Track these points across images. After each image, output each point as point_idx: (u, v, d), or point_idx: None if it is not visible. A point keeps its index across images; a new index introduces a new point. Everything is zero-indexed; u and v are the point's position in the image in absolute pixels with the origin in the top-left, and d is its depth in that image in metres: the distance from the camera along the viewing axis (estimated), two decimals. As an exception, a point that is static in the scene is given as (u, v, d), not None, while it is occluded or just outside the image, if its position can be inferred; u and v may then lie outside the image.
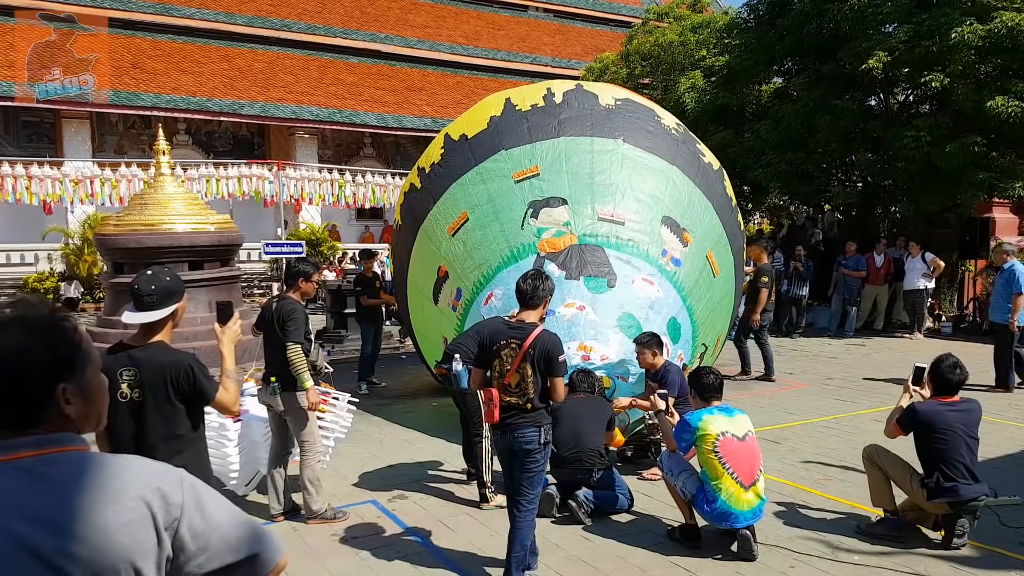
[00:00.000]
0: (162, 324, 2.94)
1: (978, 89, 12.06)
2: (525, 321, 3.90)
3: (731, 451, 4.20)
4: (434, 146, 7.92)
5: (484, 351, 3.92)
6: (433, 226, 7.26)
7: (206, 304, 10.02)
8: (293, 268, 5.01)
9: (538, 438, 3.76)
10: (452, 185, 7.24)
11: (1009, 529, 4.48)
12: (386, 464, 6.01)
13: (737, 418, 4.36)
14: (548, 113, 7.29)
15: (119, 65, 20.47)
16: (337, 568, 4.17)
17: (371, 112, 23.34)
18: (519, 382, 3.76)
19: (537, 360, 3.74)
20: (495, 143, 7.20)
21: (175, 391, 2.85)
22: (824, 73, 13.75)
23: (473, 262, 6.77)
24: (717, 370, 4.67)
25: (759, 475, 4.28)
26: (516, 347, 3.77)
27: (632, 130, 7.30)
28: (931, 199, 12.95)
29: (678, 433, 4.43)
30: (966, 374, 4.42)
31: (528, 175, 6.90)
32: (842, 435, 6.63)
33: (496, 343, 3.85)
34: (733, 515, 4.17)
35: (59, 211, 18.78)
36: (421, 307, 7.49)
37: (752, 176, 14.33)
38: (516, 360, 3.75)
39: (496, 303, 6.37)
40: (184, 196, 10.85)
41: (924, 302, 12.60)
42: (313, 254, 19.03)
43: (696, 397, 4.55)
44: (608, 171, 6.91)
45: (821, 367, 9.91)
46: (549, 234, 6.58)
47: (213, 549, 1.32)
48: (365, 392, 8.39)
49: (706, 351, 7.13)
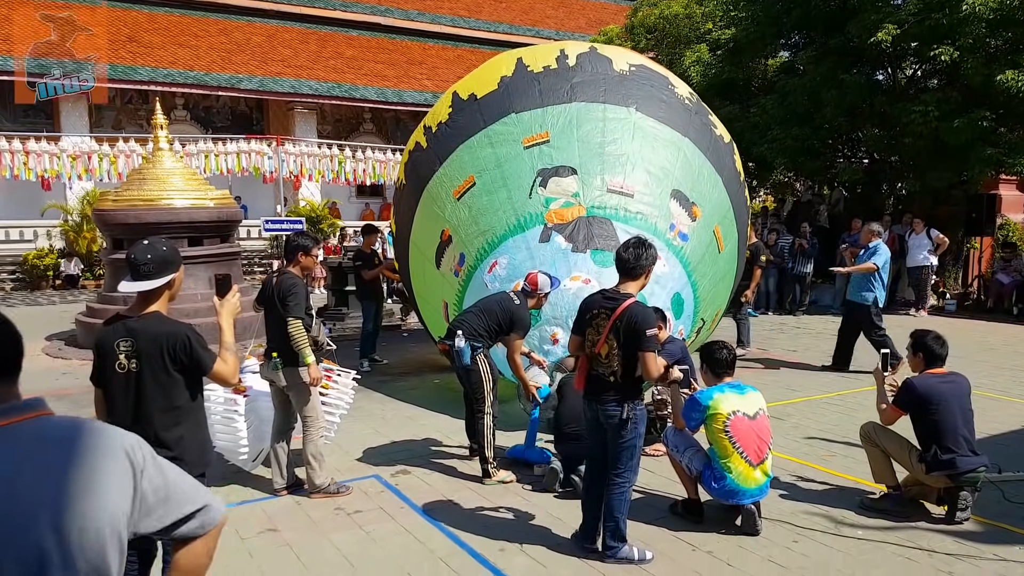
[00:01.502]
0: (158, 294, 2.91)
1: (988, 63, 11.88)
2: (621, 292, 3.84)
3: (742, 430, 4.14)
4: (441, 104, 7.70)
5: (580, 319, 3.92)
6: (438, 188, 7.10)
7: (206, 281, 9.99)
8: (293, 242, 4.95)
9: (620, 413, 3.72)
10: (459, 147, 7.06)
11: (1013, 504, 4.46)
12: (389, 440, 6.00)
13: (749, 396, 4.28)
14: (561, 76, 7.11)
15: (116, 39, 20.24)
16: (340, 541, 4.17)
17: (371, 86, 23.12)
18: (608, 353, 3.74)
19: (624, 332, 3.69)
20: (505, 105, 7.03)
21: (172, 361, 2.82)
22: (832, 47, 13.57)
23: (478, 228, 6.66)
24: (730, 345, 4.53)
25: (768, 453, 4.24)
26: (606, 317, 3.74)
27: (645, 98, 7.14)
28: (938, 175, 12.83)
29: (687, 411, 4.33)
30: (948, 347, 4.49)
31: (538, 141, 6.77)
32: (845, 412, 6.61)
33: (590, 312, 3.85)
34: (740, 492, 4.15)
35: (57, 187, 18.67)
36: (423, 270, 7.37)
37: (757, 152, 14.20)
38: (605, 331, 3.73)
39: (500, 272, 6.28)
40: (183, 171, 10.77)
41: (928, 279, 12.54)
42: (314, 231, 18.95)
43: (708, 372, 4.42)
44: (619, 140, 6.77)
45: (824, 345, 9.87)
46: (557, 204, 6.47)
47: (172, 501, 1.40)
48: (367, 369, 8.36)
49: (704, 326, 7.11)
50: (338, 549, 4.07)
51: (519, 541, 4.12)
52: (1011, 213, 14.03)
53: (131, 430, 2.82)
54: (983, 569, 3.77)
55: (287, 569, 3.87)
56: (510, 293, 5.39)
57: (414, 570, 3.83)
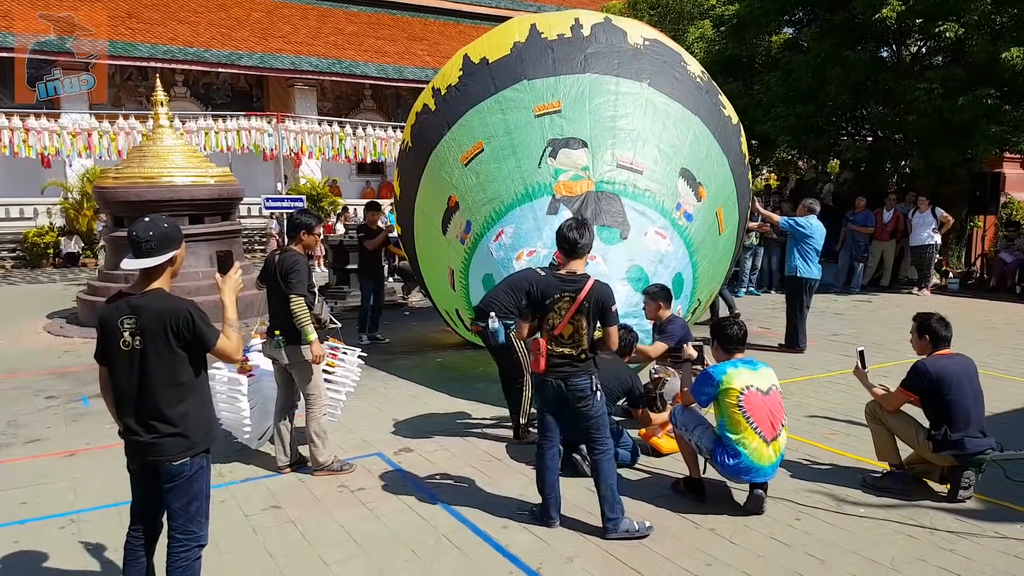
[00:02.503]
0: (160, 271, 2.89)
1: (993, 40, 11.73)
2: (576, 272, 3.94)
3: (755, 405, 4.10)
4: (451, 67, 7.55)
5: (537, 305, 3.97)
6: (446, 153, 7.00)
7: (207, 259, 9.97)
8: (295, 220, 4.93)
9: (590, 385, 3.89)
10: (469, 111, 6.95)
11: (1015, 483, 4.48)
12: (392, 418, 6.02)
13: (761, 371, 4.23)
14: (575, 46, 6.99)
15: (115, 15, 20.05)
16: (344, 518, 4.19)
17: (371, 63, 22.92)
18: (572, 333, 3.86)
19: (592, 312, 3.84)
20: (517, 71, 6.91)
21: (175, 337, 2.81)
22: (836, 23, 13.41)
23: (485, 195, 6.58)
24: (741, 321, 4.46)
25: (781, 430, 4.19)
26: (570, 300, 3.84)
27: (658, 74, 7.05)
28: (942, 153, 12.73)
29: (698, 386, 4.30)
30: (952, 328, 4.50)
31: (549, 110, 6.66)
32: (848, 390, 6.61)
33: (550, 297, 3.90)
34: (755, 469, 4.11)
35: (57, 165, 18.58)
36: (428, 235, 7.29)
37: (761, 129, 14.09)
38: (569, 312, 3.84)
39: (506, 240, 6.22)
40: (183, 149, 10.71)
41: (932, 258, 12.50)
42: (314, 209, 18.88)
43: (719, 349, 4.36)
44: (631, 115, 6.69)
45: (827, 323, 9.87)
46: (566, 176, 6.39)
47: None
48: (366, 343, 8.46)
49: (699, 306, 7.11)
50: (341, 526, 4.10)
51: (521, 519, 4.15)
52: (1015, 192, 13.94)
53: (136, 407, 2.84)
54: (984, 547, 3.79)
55: (291, 546, 3.89)
56: (536, 270, 5.43)
57: (417, 546, 3.85)
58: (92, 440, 5.55)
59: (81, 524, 4.17)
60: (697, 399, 4.32)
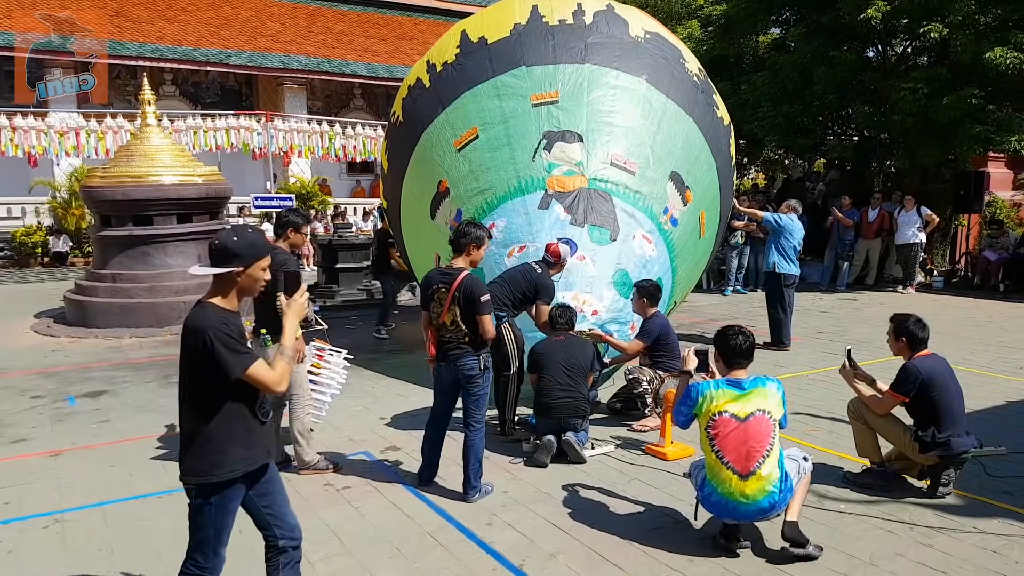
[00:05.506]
0: (221, 283, 2.69)
1: (977, 40, 11.87)
2: (453, 267, 4.40)
3: (725, 434, 3.62)
4: (448, 43, 7.37)
5: (423, 295, 4.45)
6: (439, 135, 6.88)
7: (195, 258, 9.95)
8: (283, 218, 4.94)
9: (478, 364, 4.32)
10: (465, 93, 6.82)
11: (994, 479, 4.55)
12: (379, 417, 6.03)
13: (749, 394, 3.68)
14: (576, 34, 6.89)
15: (103, 13, 19.93)
16: (330, 517, 4.21)
17: (361, 62, 22.88)
18: (452, 321, 4.29)
19: (462, 302, 4.23)
20: (517, 56, 6.79)
21: (195, 361, 2.62)
22: (823, 23, 13.51)
23: (478, 185, 6.50)
24: (748, 331, 3.91)
25: (761, 462, 3.57)
26: (445, 291, 4.29)
27: (657, 70, 6.99)
28: (927, 152, 12.85)
29: (679, 404, 3.90)
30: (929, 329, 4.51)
31: (547, 100, 6.57)
32: (831, 388, 6.67)
33: (430, 288, 4.38)
34: (729, 507, 3.63)
35: (45, 164, 18.47)
36: (415, 217, 7.17)
37: (748, 129, 14.19)
38: (447, 302, 4.27)
39: (497, 234, 6.14)
40: (171, 148, 10.68)
41: (917, 256, 12.61)
42: (304, 208, 18.84)
43: (720, 361, 3.89)
44: (628, 112, 6.64)
45: (812, 321, 9.95)
46: (560, 171, 6.32)
47: None
48: (384, 337, 9.03)
49: (675, 307, 7.17)
50: (327, 525, 4.11)
51: (506, 516, 4.18)
52: (999, 190, 14.07)
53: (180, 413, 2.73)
54: (963, 542, 3.84)
55: (277, 544, 3.89)
56: (532, 264, 5.51)
57: (403, 545, 3.87)
58: (78, 440, 5.54)
59: (65, 524, 4.17)
60: (675, 419, 3.97)
